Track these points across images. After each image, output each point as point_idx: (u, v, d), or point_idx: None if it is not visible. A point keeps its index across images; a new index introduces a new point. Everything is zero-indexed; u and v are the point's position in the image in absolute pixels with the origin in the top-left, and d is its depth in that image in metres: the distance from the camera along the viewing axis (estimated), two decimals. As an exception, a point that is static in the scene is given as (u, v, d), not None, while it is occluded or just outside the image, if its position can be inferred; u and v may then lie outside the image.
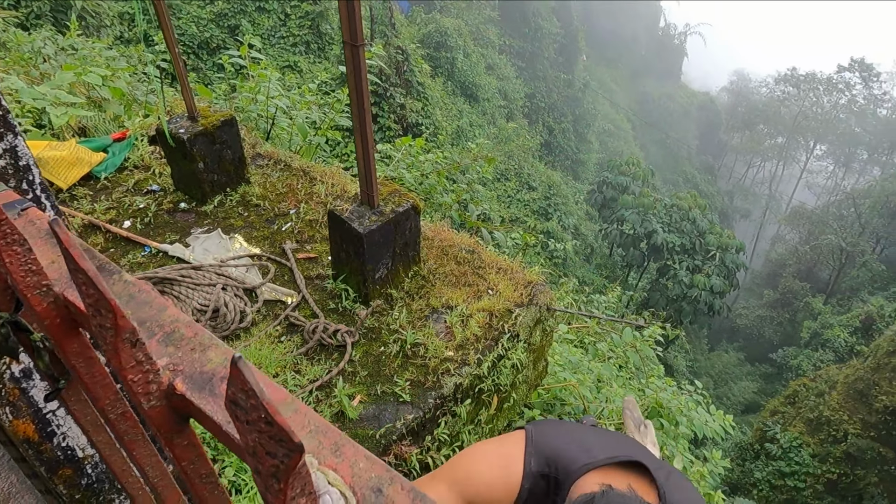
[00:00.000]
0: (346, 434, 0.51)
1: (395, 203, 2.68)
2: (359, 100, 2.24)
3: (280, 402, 0.50)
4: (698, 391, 5.13)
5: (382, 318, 2.69)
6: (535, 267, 3.10)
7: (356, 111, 2.29)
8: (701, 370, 35.16)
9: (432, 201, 4.84)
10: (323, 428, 0.49)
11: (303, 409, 0.50)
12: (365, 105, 2.26)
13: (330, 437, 0.48)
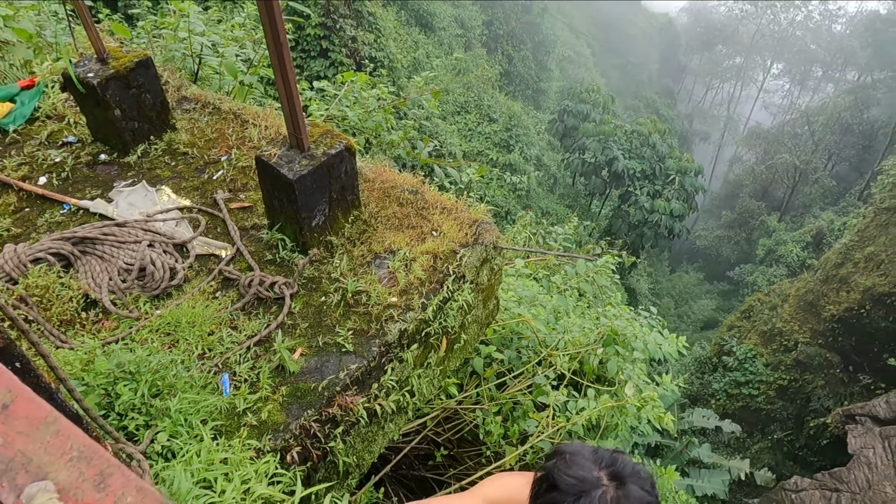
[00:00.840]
0: (117, 460, 0.42)
1: (326, 145, 2.52)
2: (273, 30, 2.03)
3: (38, 422, 0.40)
4: (653, 316, 5.24)
5: (322, 267, 2.58)
6: (479, 205, 3.00)
7: (272, 45, 2.09)
8: (663, 291, 36.40)
9: (380, 140, 4.65)
10: (89, 454, 0.39)
11: (66, 429, 0.40)
12: (280, 37, 2.06)
13: (95, 466, 0.38)
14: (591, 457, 1.44)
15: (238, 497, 1.77)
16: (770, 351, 20.17)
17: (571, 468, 1.42)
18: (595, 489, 1.38)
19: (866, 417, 14.59)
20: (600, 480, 1.40)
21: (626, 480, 1.39)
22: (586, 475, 1.40)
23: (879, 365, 16.66)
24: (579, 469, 1.41)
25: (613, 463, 1.42)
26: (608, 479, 1.39)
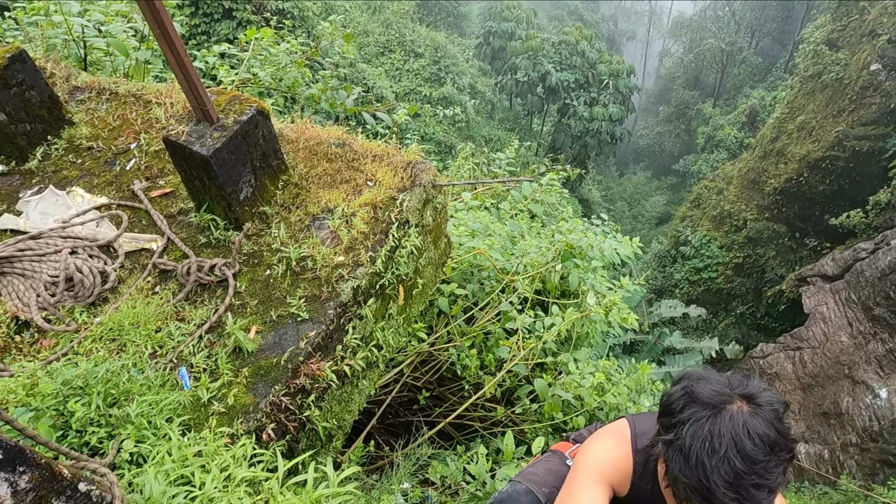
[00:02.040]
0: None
1: (237, 112, 2.37)
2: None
3: None
4: (606, 223, 5.32)
5: (261, 240, 2.48)
6: (412, 145, 2.91)
7: (147, 12, 1.91)
8: (615, 196, 37.18)
9: (300, 97, 4.43)
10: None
11: None
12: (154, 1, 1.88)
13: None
14: (723, 379, 1.52)
15: (220, 485, 1.75)
16: (722, 233, 21.02)
17: (710, 384, 1.49)
18: (731, 404, 1.44)
19: (816, 277, 15.51)
20: (734, 398, 1.45)
21: (757, 401, 1.44)
22: (723, 391, 1.47)
23: (822, 227, 17.58)
24: (716, 385, 1.49)
25: (744, 385, 1.49)
26: (740, 399, 1.45)
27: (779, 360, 15.51)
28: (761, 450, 1.36)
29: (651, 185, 39.52)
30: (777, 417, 1.40)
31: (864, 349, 13.37)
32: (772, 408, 1.41)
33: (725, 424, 1.39)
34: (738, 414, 1.40)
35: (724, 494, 1.35)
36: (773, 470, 1.36)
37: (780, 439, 1.38)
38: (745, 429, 1.37)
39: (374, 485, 2.92)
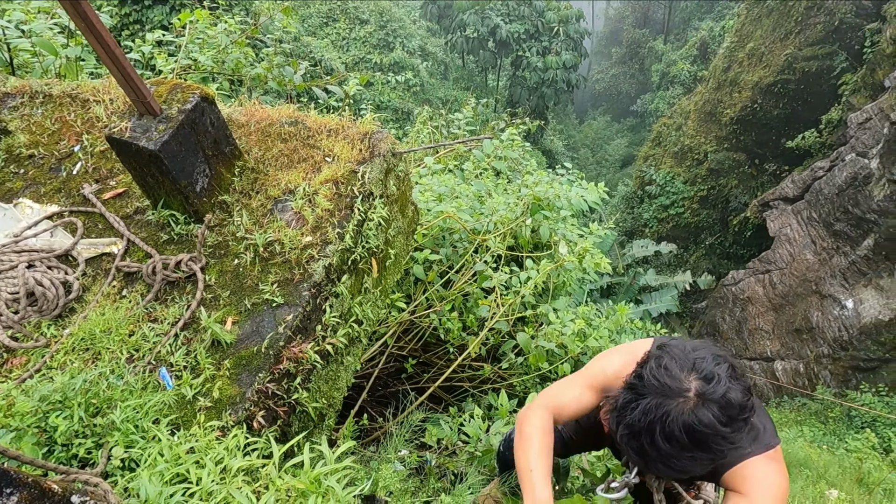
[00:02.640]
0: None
1: (180, 101, 2.28)
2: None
3: None
4: (570, 171, 5.35)
5: (224, 230, 2.43)
6: (367, 115, 2.86)
7: (69, 7, 1.80)
8: (577, 144, 37.32)
9: (246, 78, 4.28)
10: None
11: None
12: (74, -5, 1.78)
13: None
14: (685, 363, 1.51)
15: (216, 478, 1.75)
16: (685, 168, 21.36)
17: (661, 375, 1.51)
18: (677, 398, 1.47)
19: (778, 201, 15.93)
20: (686, 392, 1.47)
21: (708, 401, 1.45)
22: (671, 384, 1.48)
23: (780, 151, 17.97)
24: (668, 376, 1.50)
25: (710, 379, 1.47)
26: (694, 394, 1.46)
27: (750, 284, 16.03)
28: (674, 447, 1.45)
29: (612, 129, 39.74)
30: (715, 425, 1.42)
31: (828, 264, 13.88)
32: (713, 414, 1.43)
33: (660, 413, 1.46)
34: (677, 407, 1.45)
35: (631, 457, 1.54)
36: (685, 462, 1.47)
37: (704, 443, 1.44)
38: (668, 425, 1.44)
39: (372, 456, 2.97)
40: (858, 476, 6.53)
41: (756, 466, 1.66)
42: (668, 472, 1.52)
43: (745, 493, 1.64)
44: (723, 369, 1.48)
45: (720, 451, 1.46)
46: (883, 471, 6.64)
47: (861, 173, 13.05)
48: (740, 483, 1.67)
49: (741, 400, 1.45)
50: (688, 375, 1.48)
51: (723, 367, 1.49)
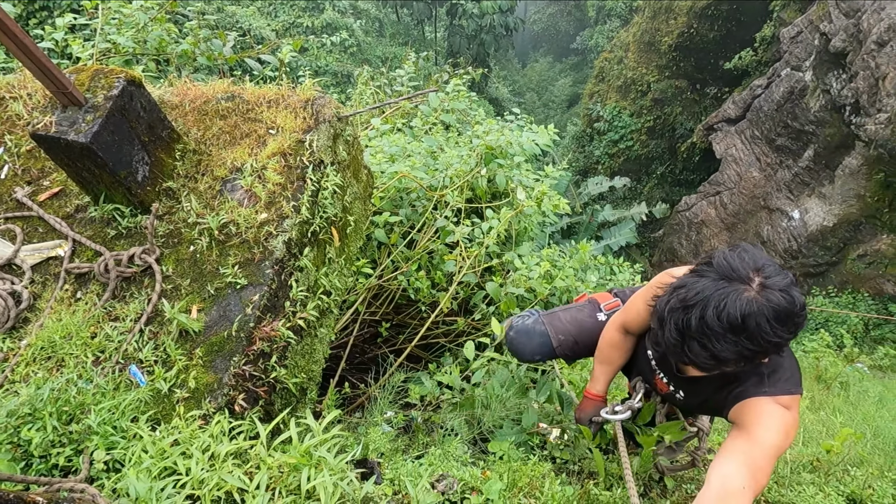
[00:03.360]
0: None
1: (105, 87, 2.15)
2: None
3: None
4: (519, 116, 5.33)
5: (175, 217, 2.35)
6: (305, 81, 2.76)
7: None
8: (522, 88, 37.12)
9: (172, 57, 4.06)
10: None
11: None
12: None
13: None
14: (757, 260, 1.52)
15: (205, 466, 1.75)
16: (630, 101, 21.54)
17: (733, 258, 1.52)
18: (741, 283, 1.48)
19: (722, 122, 16.29)
20: (750, 280, 1.48)
21: (770, 292, 1.45)
22: (741, 269, 1.49)
23: (719, 73, 18.26)
24: (739, 262, 1.51)
25: (771, 275, 1.48)
26: (757, 285, 1.47)
27: (702, 208, 16.52)
28: (722, 325, 1.44)
29: (555, 70, 39.57)
30: (769, 317, 1.43)
31: (773, 179, 14.39)
32: (772, 305, 1.43)
33: (719, 293, 1.47)
34: (737, 291, 1.46)
35: (670, 331, 1.53)
36: (725, 345, 1.46)
37: (752, 332, 1.43)
38: (724, 304, 1.45)
39: (359, 422, 3.00)
40: (817, 374, 6.97)
41: (768, 406, 1.64)
42: (701, 353, 1.50)
43: (748, 429, 1.62)
44: (786, 276, 1.50)
45: (763, 346, 1.45)
46: (838, 366, 7.10)
47: (797, 87, 13.42)
48: (747, 417, 1.65)
49: (799, 302, 1.46)
50: (755, 271, 1.49)
51: (786, 275, 1.50)
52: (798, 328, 1.46)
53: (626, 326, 2.18)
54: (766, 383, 1.67)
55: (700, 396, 1.90)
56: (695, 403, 1.99)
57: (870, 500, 2.45)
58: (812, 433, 3.85)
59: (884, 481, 2.56)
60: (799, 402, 1.67)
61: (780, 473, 2.78)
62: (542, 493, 2.10)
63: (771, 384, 1.66)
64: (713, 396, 1.80)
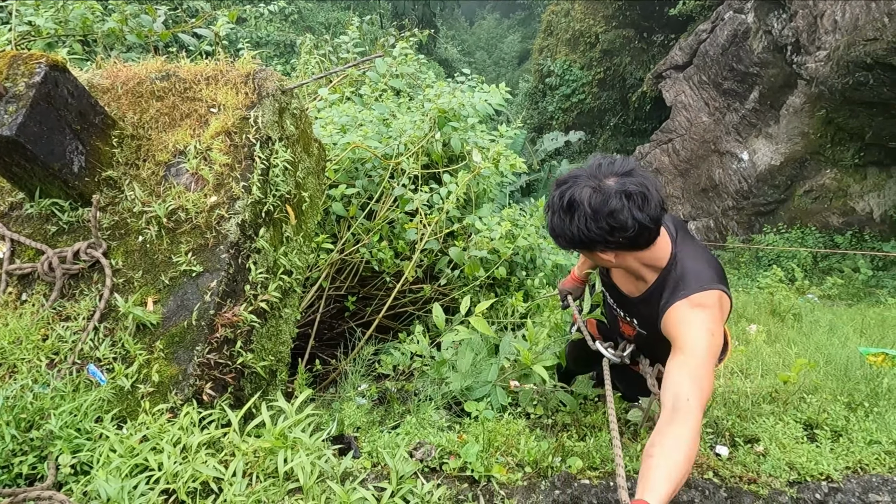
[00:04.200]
0: None
1: (25, 75, 2.01)
2: None
3: None
4: (469, 77, 5.25)
5: (118, 207, 2.24)
6: (244, 55, 2.64)
7: None
8: (472, 48, 36.62)
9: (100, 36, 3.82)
10: None
11: None
12: None
13: None
14: (616, 170, 1.70)
15: (178, 459, 1.72)
16: (579, 54, 21.48)
17: (603, 161, 1.75)
18: (594, 180, 1.69)
19: (670, 70, 16.44)
20: (599, 180, 1.69)
21: (600, 194, 1.66)
22: (598, 172, 1.71)
23: (665, 20, 18.31)
24: (607, 165, 1.73)
25: (627, 175, 1.68)
26: (600, 185, 1.68)
27: (656, 155, 16.80)
28: (560, 205, 1.71)
29: (503, 26, 39.11)
30: (588, 213, 1.66)
31: (722, 123, 14.69)
32: (590, 201, 1.66)
33: (575, 180, 1.72)
34: (583, 184, 1.69)
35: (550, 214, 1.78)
36: (557, 221, 1.74)
37: (575, 217, 1.68)
38: (571, 189, 1.70)
39: (332, 398, 3.00)
40: (771, 308, 7.28)
41: (686, 313, 1.72)
42: (549, 223, 1.78)
43: (677, 341, 1.71)
44: (623, 189, 1.66)
45: (578, 233, 1.69)
46: (790, 299, 7.42)
47: (740, 29, 13.59)
48: (673, 330, 1.74)
49: (610, 208, 1.64)
50: (609, 175, 1.70)
51: (626, 189, 1.65)
52: (609, 232, 1.67)
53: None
54: (680, 288, 1.77)
55: (650, 322, 1.97)
56: (650, 331, 2.07)
57: (825, 423, 2.59)
58: (770, 365, 4.03)
59: (836, 405, 2.71)
60: (720, 297, 1.75)
61: (742, 407, 2.91)
62: (517, 450, 2.15)
63: (683, 287, 1.76)
64: (654, 317, 1.89)
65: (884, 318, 7.10)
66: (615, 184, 1.65)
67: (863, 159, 12.08)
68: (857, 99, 10.60)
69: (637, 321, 2.13)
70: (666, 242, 1.85)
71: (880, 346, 3.98)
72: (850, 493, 2.01)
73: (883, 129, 10.97)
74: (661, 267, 1.85)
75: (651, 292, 1.90)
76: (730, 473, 2.14)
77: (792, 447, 2.28)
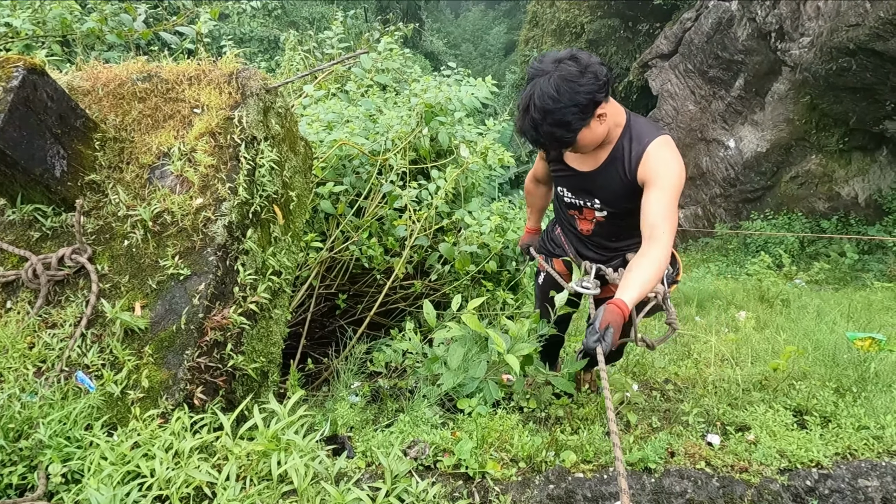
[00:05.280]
0: None
1: (2, 79, 1.97)
2: None
3: None
4: (455, 70, 5.23)
5: (103, 211, 2.22)
6: (227, 52, 2.61)
7: None
8: (458, 40, 36.49)
9: (79, 37, 3.76)
10: None
11: None
12: None
13: None
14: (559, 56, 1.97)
15: (170, 464, 1.71)
16: (565, 44, 21.46)
17: (544, 58, 2.01)
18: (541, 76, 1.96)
19: (656, 59, 16.47)
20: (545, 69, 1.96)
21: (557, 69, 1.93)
22: (540, 66, 1.99)
23: (649, 9, 18.31)
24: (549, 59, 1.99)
25: (558, 58, 1.97)
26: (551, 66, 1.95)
27: (643, 145, 16.78)
28: (546, 102, 1.93)
29: (488, 18, 38.99)
30: (568, 78, 1.91)
31: (708, 111, 14.74)
32: (563, 74, 1.91)
33: (531, 87, 1.98)
34: (539, 80, 1.95)
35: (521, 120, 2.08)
36: (562, 112, 1.93)
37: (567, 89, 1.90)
38: (539, 88, 1.94)
39: (325, 397, 2.99)
40: (760, 294, 7.35)
41: (657, 151, 2.06)
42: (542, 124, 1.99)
43: (653, 179, 2.03)
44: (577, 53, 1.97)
45: (587, 92, 1.92)
46: (778, 285, 7.49)
47: (724, 17, 13.63)
48: (648, 173, 2.05)
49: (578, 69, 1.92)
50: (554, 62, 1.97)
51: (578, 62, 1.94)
52: (596, 76, 1.93)
53: (535, 175, 2.83)
54: (644, 136, 2.11)
55: (612, 188, 2.25)
56: (615, 204, 2.31)
57: (814, 409, 2.62)
58: (759, 352, 4.07)
59: (825, 390, 2.74)
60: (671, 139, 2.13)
61: (732, 395, 2.94)
62: (511, 445, 2.15)
63: (646, 135, 2.10)
64: (618, 177, 2.18)
65: (870, 301, 7.20)
66: (565, 55, 1.97)
67: (847, 144, 12.19)
68: (841, 84, 10.67)
69: (598, 197, 2.34)
70: (617, 105, 2.16)
71: (867, 331, 4.03)
72: (840, 479, 2.04)
73: (866, 114, 11.06)
74: (622, 124, 2.16)
75: (614, 152, 2.18)
76: (721, 463, 2.16)
77: (782, 434, 2.30)
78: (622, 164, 2.14)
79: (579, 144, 2.07)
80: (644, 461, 2.11)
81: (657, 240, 1.92)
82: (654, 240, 1.93)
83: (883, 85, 9.95)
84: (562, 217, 2.71)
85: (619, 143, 2.15)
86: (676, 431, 2.48)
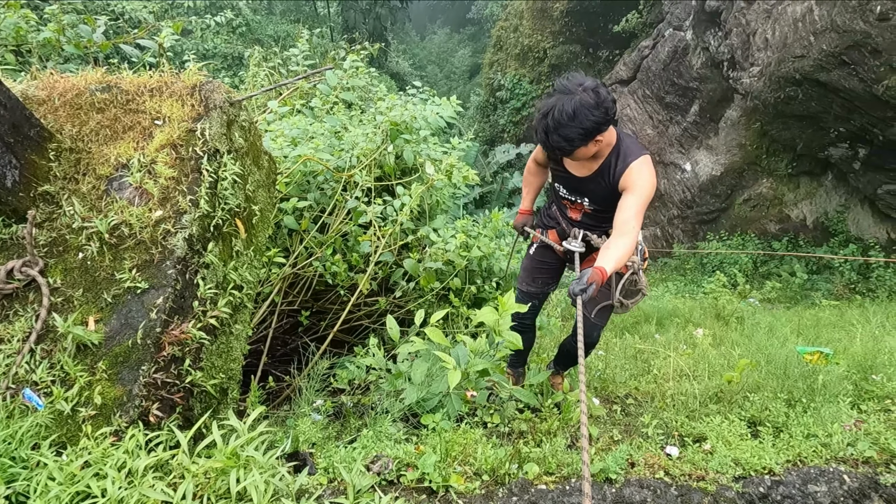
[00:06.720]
0: None
1: (-48, 85, 1.91)
2: None
3: None
4: (420, 90, 5.29)
5: (56, 223, 2.15)
6: (190, 66, 2.59)
7: None
8: (423, 61, 36.89)
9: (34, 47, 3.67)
10: None
11: None
12: None
13: None
14: (581, 80, 2.35)
15: (123, 484, 1.65)
16: (528, 69, 21.96)
17: (565, 80, 2.39)
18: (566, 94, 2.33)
19: (615, 84, 16.97)
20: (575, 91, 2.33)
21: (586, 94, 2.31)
22: (569, 86, 2.36)
23: (609, 36, 18.95)
24: (568, 82, 2.37)
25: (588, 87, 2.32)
26: (581, 92, 2.32)
27: (604, 167, 17.17)
28: (563, 118, 2.32)
29: (453, 41, 39.59)
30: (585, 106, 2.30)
31: (665, 135, 15.24)
32: (583, 101, 2.30)
33: (556, 100, 2.34)
34: (563, 98, 2.32)
35: (540, 133, 2.44)
36: (569, 130, 2.33)
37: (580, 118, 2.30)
38: (563, 105, 2.31)
39: (286, 415, 2.94)
40: (716, 312, 7.56)
41: (638, 166, 2.51)
42: (560, 140, 2.37)
43: (631, 187, 2.49)
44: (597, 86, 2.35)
45: (589, 126, 2.32)
46: (733, 303, 7.73)
47: (680, 46, 14.19)
48: (629, 182, 2.51)
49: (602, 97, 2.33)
50: (578, 85, 2.33)
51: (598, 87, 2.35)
52: (607, 112, 2.35)
53: (536, 159, 3.24)
54: (628, 155, 2.55)
55: (599, 193, 2.71)
56: (601, 203, 2.76)
57: (767, 420, 2.71)
58: (715, 367, 4.18)
59: (777, 402, 2.84)
60: (650, 158, 2.59)
61: (690, 407, 3.01)
62: (475, 458, 2.15)
63: (630, 154, 2.55)
64: (604, 185, 2.64)
65: (818, 318, 7.49)
66: (590, 85, 2.33)
67: (795, 169, 12.75)
68: (789, 112, 11.20)
69: (588, 197, 2.82)
70: (612, 129, 2.55)
71: (816, 345, 4.19)
72: (791, 486, 2.10)
73: (812, 141, 11.61)
74: (613, 144, 2.59)
75: (603, 165, 2.63)
76: (679, 472, 2.21)
77: (737, 444, 2.37)
78: (608, 175, 2.62)
79: (575, 155, 2.49)
80: (605, 472, 2.13)
81: (627, 234, 2.42)
82: (625, 233, 2.42)
83: (827, 113, 10.48)
84: (556, 203, 3.17)
85: (608, 159, 2.61)
86: (636, 443, 2.53)
